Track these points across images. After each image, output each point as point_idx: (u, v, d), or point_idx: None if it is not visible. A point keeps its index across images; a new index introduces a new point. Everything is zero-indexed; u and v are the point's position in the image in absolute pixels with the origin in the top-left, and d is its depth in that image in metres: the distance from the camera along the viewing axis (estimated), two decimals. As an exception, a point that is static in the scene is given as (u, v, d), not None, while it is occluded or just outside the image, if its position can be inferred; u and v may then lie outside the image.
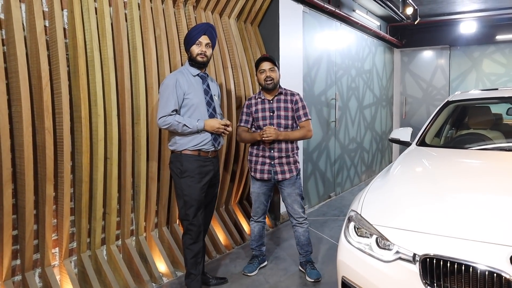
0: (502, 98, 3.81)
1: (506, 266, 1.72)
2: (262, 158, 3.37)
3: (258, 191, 3.47)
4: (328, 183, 6.06)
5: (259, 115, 3.39)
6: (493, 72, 8.37)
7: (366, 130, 7.42)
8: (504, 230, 1.88)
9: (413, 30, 8.71)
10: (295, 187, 3.40)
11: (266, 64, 3.31)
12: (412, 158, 3.10)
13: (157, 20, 3.43)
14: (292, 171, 3.38)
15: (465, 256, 1.81)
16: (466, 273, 1.79)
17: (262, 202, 3.50)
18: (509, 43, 8.19)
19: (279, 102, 3.38)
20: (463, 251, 1.83)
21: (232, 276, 3.46)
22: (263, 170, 3.37)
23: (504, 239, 1.81)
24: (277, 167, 3.35)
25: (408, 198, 2.34)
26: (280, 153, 3.34)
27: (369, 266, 2.11)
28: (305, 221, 3.46)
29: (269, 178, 3.37)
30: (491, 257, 1.76)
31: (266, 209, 3.57)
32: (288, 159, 3.37)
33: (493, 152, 3.11)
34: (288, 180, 3.37)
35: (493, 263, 1.74)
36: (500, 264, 1.73)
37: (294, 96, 3.42)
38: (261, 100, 3.41)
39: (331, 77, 5.91)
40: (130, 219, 3.35)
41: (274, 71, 3.32)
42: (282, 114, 3.36)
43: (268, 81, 3.30)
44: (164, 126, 2.83)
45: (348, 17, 6.22)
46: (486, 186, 2.42)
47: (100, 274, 3.10)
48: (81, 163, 2.88)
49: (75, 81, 2.84)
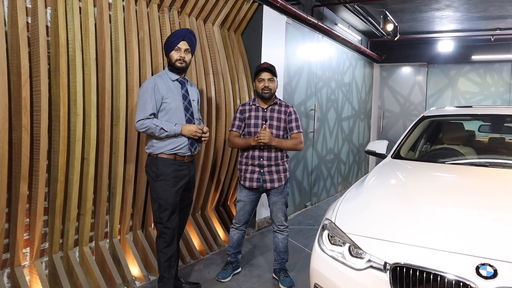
0: (475, 115, 3.93)
1: (472, 276, 1.78)
2: (251, 167, 3.39)
3: (245, 199, 3.47)
4: (304, 193, 6.12)
5: (251, 122, 3.41)
6: (468, 91, 8.63)
7: (343, 141, 7.52)
8: (472, 241, 1.94)
9: (393, 46, 8.92)
10: (282, 196, 3.43)
11: (266, 74, 3.33)
12: (387, 170, 3.17)
13: (141, 23, 3.44)
14: (281, 180, 3.41)
15: (433, 265, 1.86)
16: (434, 282, 1.85)
17: (247, 211, 3.51)
18: (483, 64, 8.47)
19: (273, 112, 3.41)
20: (431, 261, 1.88)
21: (205, 282, 3.46)
22: (252, 179, 3.39)
23: (471, 250, 1.87)
24: (267, 175, 3.37)
25: (381, 209, 2.39)
26: (269, 162, 3.36)
27: (341, 273, 2.15)
28: (286, 229, 3.50)
29: (258, 186, 3.39)
30: (458, 267, 1.82)
31: (250, 219, 3.58)
32: (278, 167, 3.40)
33: (464, 167, 3.21)
34: (276, 189, 3.41)
35: (460, 273, 1.80)
36: (466, 274, 1.79)
37: (288, 108, 3.46)
38: (255, 107, 3.43)
39: (311, 88, 5.99)
40: (104, 221, 3.32)
41: (273, 82, 3.36)
42: (275, 124, 3.39)
43: (265, 91, 3.33)
44: (142, 129, 2.84)
45: (330, 30, 6.33)
46: (456, 199, 2.49)
47: (71, 276, 3.05)
48: (58, 162, 2.85)
49: (56, 80, 2.82)
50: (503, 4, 6.13)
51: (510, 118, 3.86)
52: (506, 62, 8.27)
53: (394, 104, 9.20)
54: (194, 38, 3.08)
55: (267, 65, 3.38)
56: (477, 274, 1.78)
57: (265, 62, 3.42)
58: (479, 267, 1.79)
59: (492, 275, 1.75)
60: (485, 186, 2.73)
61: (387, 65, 9.23)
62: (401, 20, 7.33)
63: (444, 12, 6.72)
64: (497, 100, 8.41)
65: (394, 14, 6.97)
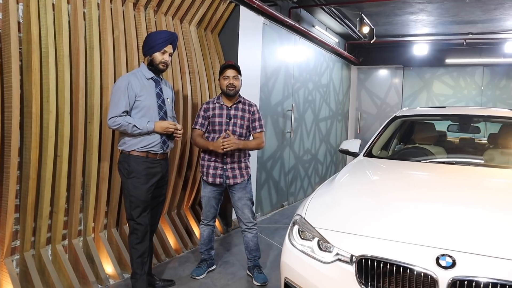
0: (444, 115, 4.05)
1: (433, 266, 1.85)
2: (214, 163, 3.43)
3: (209, 195, 3.51)
4: (281, 192, 6.18)
5: (215, 120, 3.44)
6: (442, 93, 8.84)
7: (321, 142, 7.61)
8: (433, 233, 2.02)
9: (370, 49, 9.07)
10: (245, 191, 3.47)
11: (230, 72, 3.38)
12: (357, 167, 3.25)
13: (116, 21, 3.44)
14: (244, 176, 3.46)
15: (396, 257, 1.93)
16: (397, 273, 1.91)
17: (213, 206, 3.54)
18: (457, 67, 8.69)
19: (237, 110, 3.46)
20: (395, 253, 1.95)
21: (180, 279, 3.48)
22: (215, 174, 3.42)
23: (432, 242, 1.95)
24: (229, 171, 3.41)
25: (350, 204, 2.46)
26: (232, 159, 3.41)
27: (310, 267, 2.20)
28: (254, 227, 3.53)
29: (221, 182, 3.43)
30: (420, 258, 1.89)
31: (216, 213, 3.62)
32: (240, 164, 3.45)
33: (431, 164, 3.31)
34: (239, 185, 3.45)
35: (421, 263, 1.87)
36: (427, 265, 1.86)
37: (252, 107, 3.52)
38: (219, 105, 3.47)
39: (288, 88, 6.05)
40: (78, 219, 3.30)
41: (237, 79, 3.41)
42: (238, 122, 3.44)
43: (230, 88, 3.38)
44: (114, 126, 2.85)
45: (307, 32, 6.41)
46: (421, 194, 2.59)
47: (43, 274, 3.03)
48: (29, 159, 2.84)
49: (28, 76, 2.81)
50: (473, 9, 6.31)
51: (476, 118, 3.99)
52: (478, 66, 8.51)
53: (371, 106, 9.35)
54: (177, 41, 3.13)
55: (232, 63, 3.45)
56: (437, 264, 1.85)
57: (229, 60, 3.47)
58: (439, 257, 1.86)
59: (451, 265, 1.83)
60: (449, 182, 2.84)
61: (364, 68, 9.38)
62: (377, 23, 7.47)
63: (418, 16, 6.88)
64: (469, 103, 8.63)
65: (370, 17, 7.10)
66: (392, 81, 9.19)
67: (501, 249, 1.87)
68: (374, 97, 9.34)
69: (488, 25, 7.24)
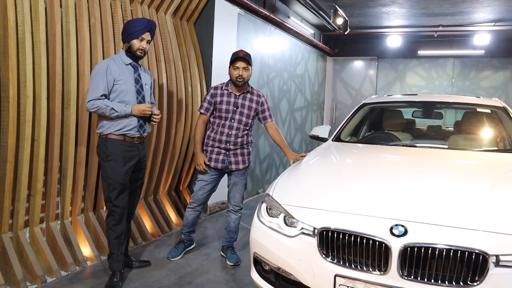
0: (409, 102, 4.25)
1: (387, 235, 2.02)
2: (217, 149, 3.54)
3: (207, 179, 3.60)
4: (256, 180, 6.33)
5: (223, 107, 3.52)
6: (415, 84, 9.11)
7: (296, 131, 7.78)
8: (388, 206, 2.20)
9: (345, 40, 9.26)
10: (243, 177, 3.63)
11: (241, 63, 3.44)
12: (325, 151, 3.42)
13: (92, 9, 3.51)
14: (245, 162, 3.61)
15: (354, 228, 2.10)
16: (355, 243, 2.08)
17: (207, 190, 3.63)
18: (429, 58, 8.96)
19: (244, 99, 3.56)
20: (352, 224, 2.13)
21: (155, 260, 3.60)
22: (218, 159, 3.54)
23: (387, 214, 2.12)
24: (232, 157, 3.55)
25: (313, 182, 2.63)
26: (235, 146, 3.54)
27: (277, 241, 2.36)
28: (240, 210, 3.69)
29: (223, 167, 3.55)
30: (375, 228, 2.07)
31: (207, 200, 3.73)
32: (243, 150, 3.59)
33: (397, 147, 3.51)
34: (239, 171, 3.59)
35: (376, 233, 2.04)
36: (382, 234, 2.03)
37: (260, 97, 3.64)
38: (227, 93, 3.55)
39: (263, 78, 6.18)
40: (55, 203, 3.39)
41: (247, 70, 3.48)
42: (245, 112, 3.55)
43: (239, 79, 3.46)
44: (93, 109, 2.93)
45: (282, 23, 6.54)
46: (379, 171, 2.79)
47: (21, 256, 3.11)
48: (7, 142, 2.90)
49: (4, 61, 2.87)
50: (442, 2, 6.54)
51: (439, 105, 4.19)
52: (449, 57, 8.79)
53: (346, 97, 9.57)
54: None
55: (243, 54, 3.48)
56: (391, 233, 2.02)
57: (241, 50, 3.52)
58: (392, 227, 2.03)
59: (403, 233, 2.00)
60: (409, 161, 3.06)
61: (340, 59, 9.58)
62: (351, 14, 7.65)
63: (390, 8, 7.07)
64: (441, 93, 8.90)
65: (344, 9, 7.27)
66: (367, 72, 9.41)
67: (449, 218, 2.05)
68: (349, 88, 9.55)
69: (457, 17, 7.49)
